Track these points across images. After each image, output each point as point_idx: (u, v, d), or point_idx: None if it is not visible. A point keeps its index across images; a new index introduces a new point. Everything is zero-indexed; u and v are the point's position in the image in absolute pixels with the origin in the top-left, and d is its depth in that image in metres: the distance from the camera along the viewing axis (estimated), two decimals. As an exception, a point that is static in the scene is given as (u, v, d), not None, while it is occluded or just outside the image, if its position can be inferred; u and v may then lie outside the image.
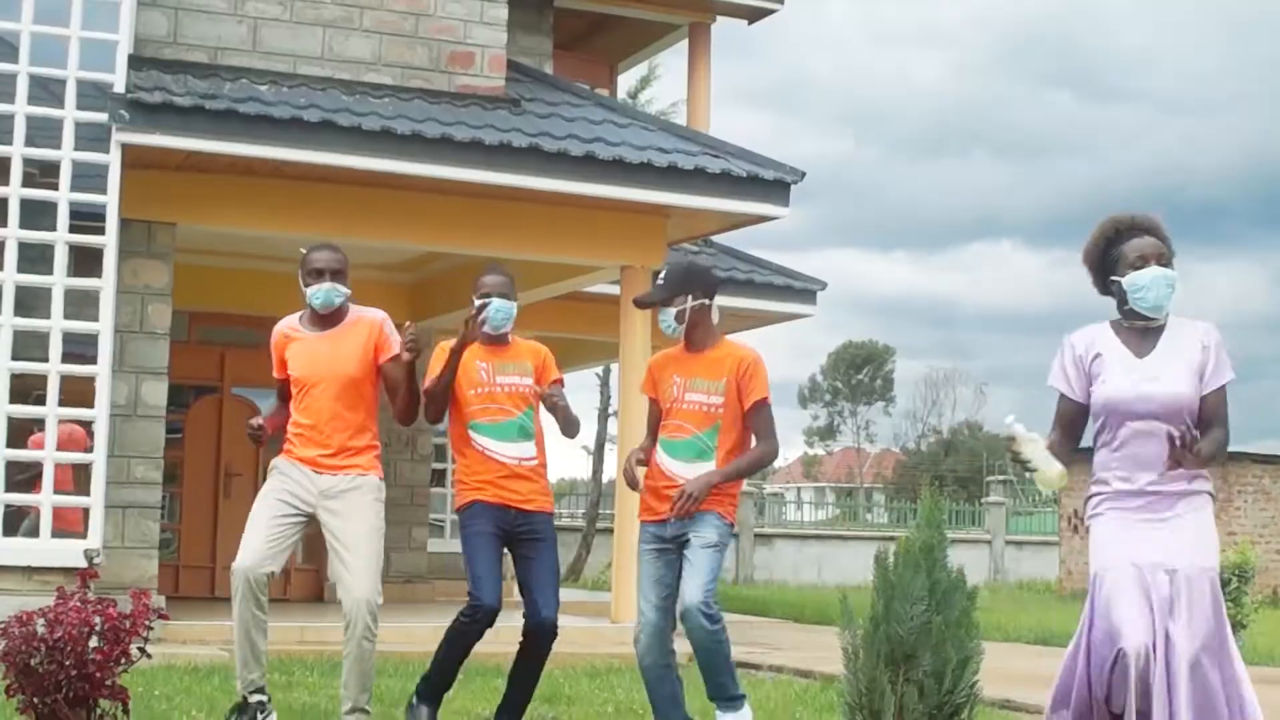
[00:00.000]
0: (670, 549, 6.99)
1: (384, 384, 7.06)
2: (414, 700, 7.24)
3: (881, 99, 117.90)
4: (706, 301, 6.92)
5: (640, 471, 7.09)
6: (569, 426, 7.33)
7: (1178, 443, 5.27)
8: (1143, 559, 5.33)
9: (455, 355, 7.06)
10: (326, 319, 7.06)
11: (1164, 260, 5.50)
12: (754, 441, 6.99)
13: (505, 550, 7.22)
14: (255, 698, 6.92)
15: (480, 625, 7.04)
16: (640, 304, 7.18)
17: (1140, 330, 5.52)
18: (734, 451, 6.92)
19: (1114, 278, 5.51)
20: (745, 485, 24.40)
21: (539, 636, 7.10)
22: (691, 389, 6.90)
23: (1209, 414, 5.46)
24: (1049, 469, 5.45)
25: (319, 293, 6.98)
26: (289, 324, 7.21)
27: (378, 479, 7.03)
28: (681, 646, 7.07)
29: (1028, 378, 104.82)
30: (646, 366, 7.21)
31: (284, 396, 7.22)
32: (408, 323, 7.12)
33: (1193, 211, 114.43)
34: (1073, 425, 5.60)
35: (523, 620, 7.15)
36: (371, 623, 6.73)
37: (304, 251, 7.11)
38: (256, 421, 7.08)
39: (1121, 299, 5.52)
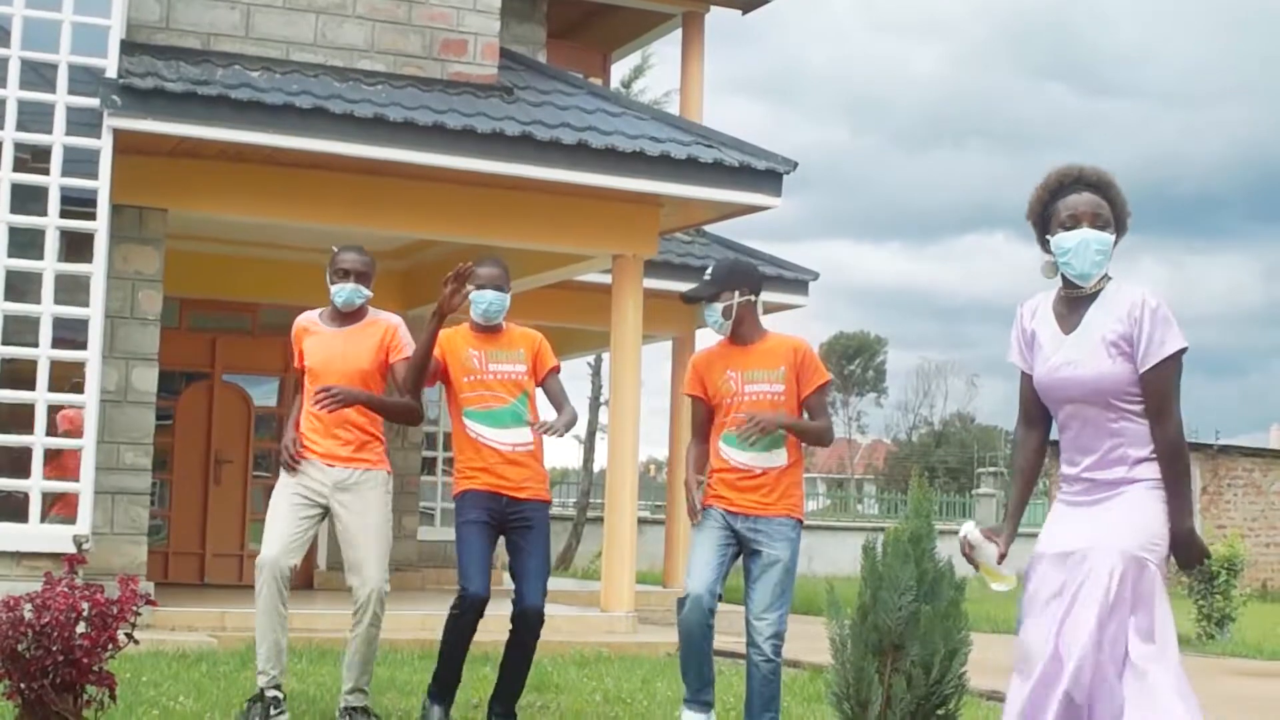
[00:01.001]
0: (733, 540, 6.95)
1: (392, 382, 7.36)
2: (426, 702, 7.30)
3: (877, 89, 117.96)
4: (753, 297, 7.04)
5: (698, 496, 7.04)
6: (567, 429, 7.30)
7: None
8: (1055, 548, 4.86)
9: (434, 321, 7.07)
10: (346, 317, 7.40)
11: (1100, 222, 4.88)
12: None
13: (502, 537, 7.24)
14: (272, 693, 7.15)
15: (470, 615, 7.08)
16: (689, 299, 7.18)
17: (1073, 299, 4.96)
18: (795, 440, 6.97)
19: (1047, 235, 4.97)
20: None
21: (524, 623, 7.13)
22: (751, 380, 6.94)
23: (1148, 395, 4.82)
24: (999, 579, 5.09)
25: (342, 292, 7.32)
26: (310, 318, 7.50)
27: (386, 473, 7.34)
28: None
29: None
30: (690, 366, 7.19)
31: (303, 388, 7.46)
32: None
33: (1187, 205, 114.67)
34: (1034, 404, 5.08)
35: (512, 608, 7.17)
36: (379, 609, 7.10)
37: (334, 250, 7.42)
38: (291, 446, 7.29)
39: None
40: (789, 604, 6.87)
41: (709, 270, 7.14)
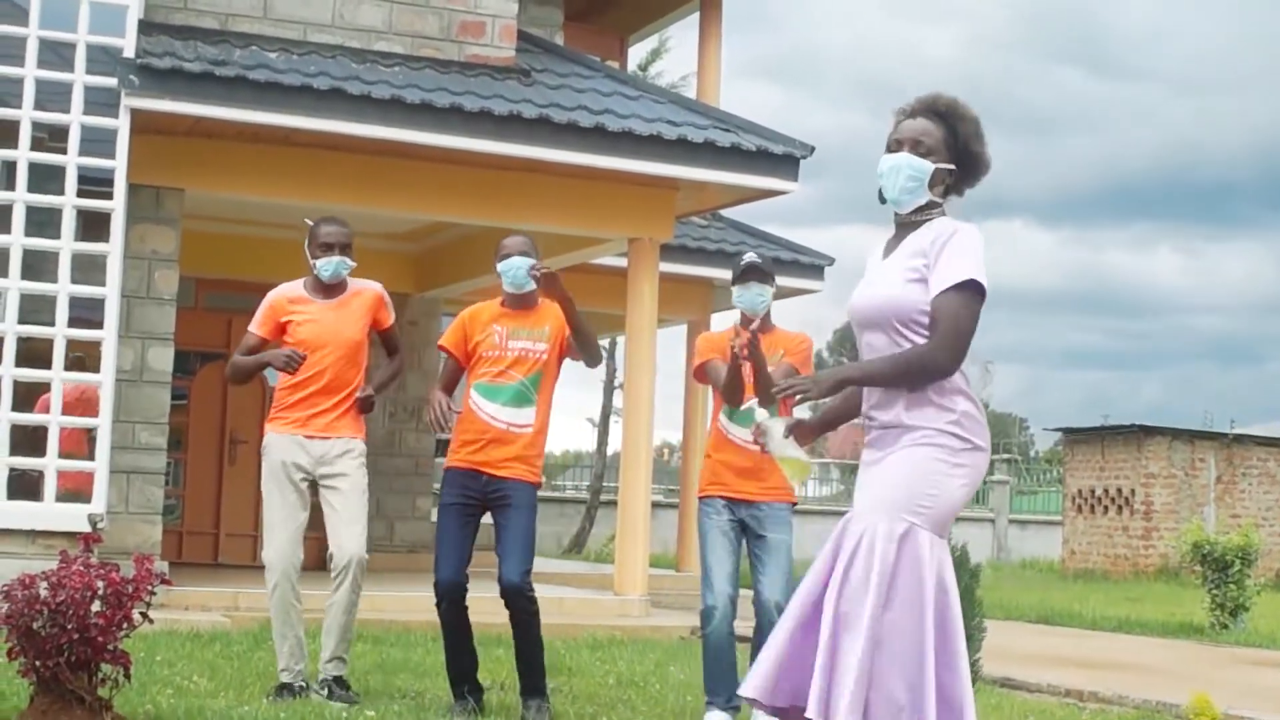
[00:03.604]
0: (739, 531, 7.15)
1: (384, 349, 7.79)
2: (452, 703, 7.27)
3: (894, 73, 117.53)
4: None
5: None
6: (587, 348, 7.27)
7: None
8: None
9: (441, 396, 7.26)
10: (330, 288, 7.56)
11: (921, 149, 4.63)
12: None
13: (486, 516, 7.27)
14: (299, 683, 7.34)
15: (448, 599, 7.10)
16: (753, 267, 7.21)
17: (899, 228, 4.73)
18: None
19: None
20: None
21: (510, 600, 7.07)
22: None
23: (932, 322, 4.49)
24: (791, 463, 4.77)
25: (329, 265, 7.48)
26: (292, 290, 7.60)
27: (362, 442, 7.55)
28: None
29: (1034, 356, 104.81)
30: (705, 342, 7.45)
31: (247, 353, 7.59)
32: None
33: (1203, 191, 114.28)
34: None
35: None
36: (359, 575, 7.30)
37: (310, 223, 7.58)
38: (299, 354, 7.38)
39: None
40: (792, 572, 7.04)
41: (754, 256, 7.28)
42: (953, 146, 4.68)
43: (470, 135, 12.07)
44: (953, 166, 4.69)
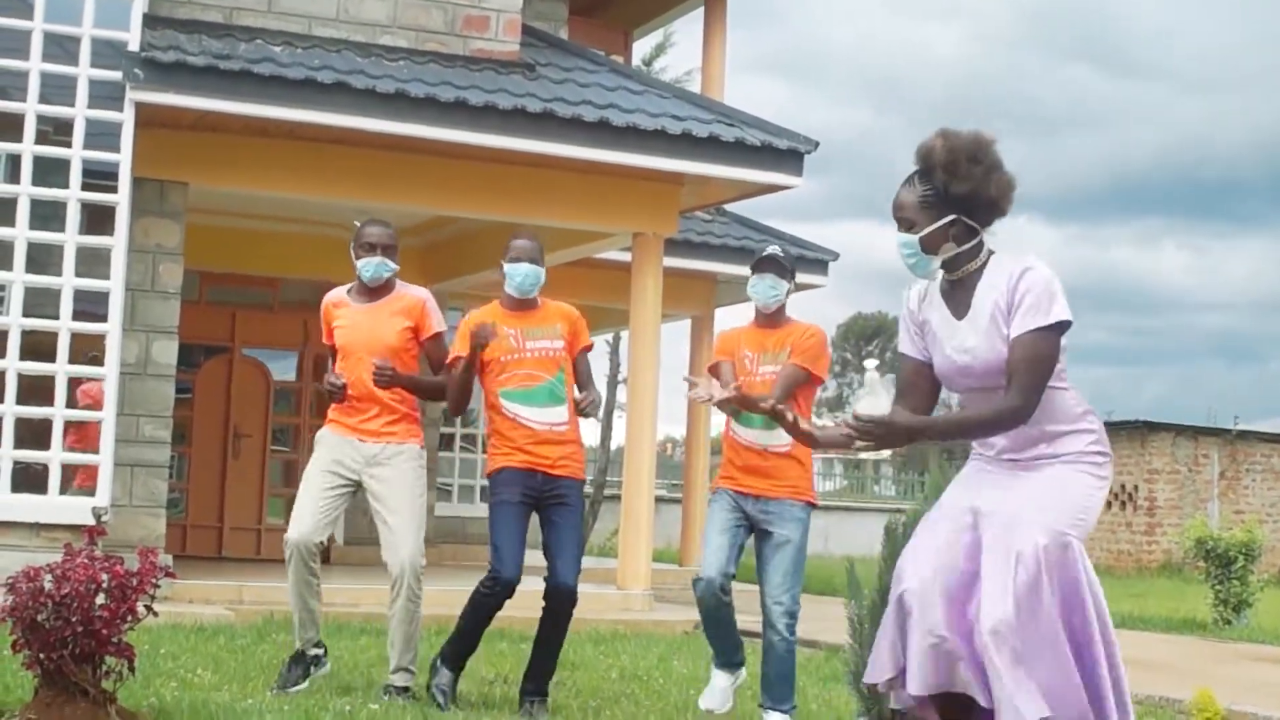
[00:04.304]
0: (744, 520, 7.10)
1: (427, 362, 7.45)
2: (437, 662, 7.30)
3: (900, 70, 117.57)
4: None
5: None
6: (596, 410, 7.33)
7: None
8: (968, 502, 4.67)
9: (469, 363, 7.14)
10: (373, 292, 7.40)
11: (904, 225, 4.69)
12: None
13: (535, 514, 7.25)
14: (313, 650, 7.34)
15: (499, 597, 7.11)
16: (773, 259, 7.24)
17: (955, 282, 4.73)
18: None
19: None
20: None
21: (558, 601, 7.12)
22: (764, 363, 7.10)
23: (1009, 362, 4.54)
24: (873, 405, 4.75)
25: (369, 266, 7.34)
26: (338, 294, 7.53)
27: (418, 446, 7.33)
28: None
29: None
30: (721, 339, 7.42)
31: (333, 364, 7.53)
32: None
33: (1211, 189, 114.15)
34: (910, 389, 4.85)
35: (544, 584, 7.18)
36: (415, 584, 7.11)
37: (357, 224, 7.48)
38: (339, 381, 7.29)
39: None
40: (801, 583, 7.02)
41: (776, 249, 7.31)
42: (943, 199, 4.63)
43: (474, 130, 12.06)
44: (950, 218, 4.64)
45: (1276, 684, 10.43)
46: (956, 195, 4.62)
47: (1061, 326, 4.53)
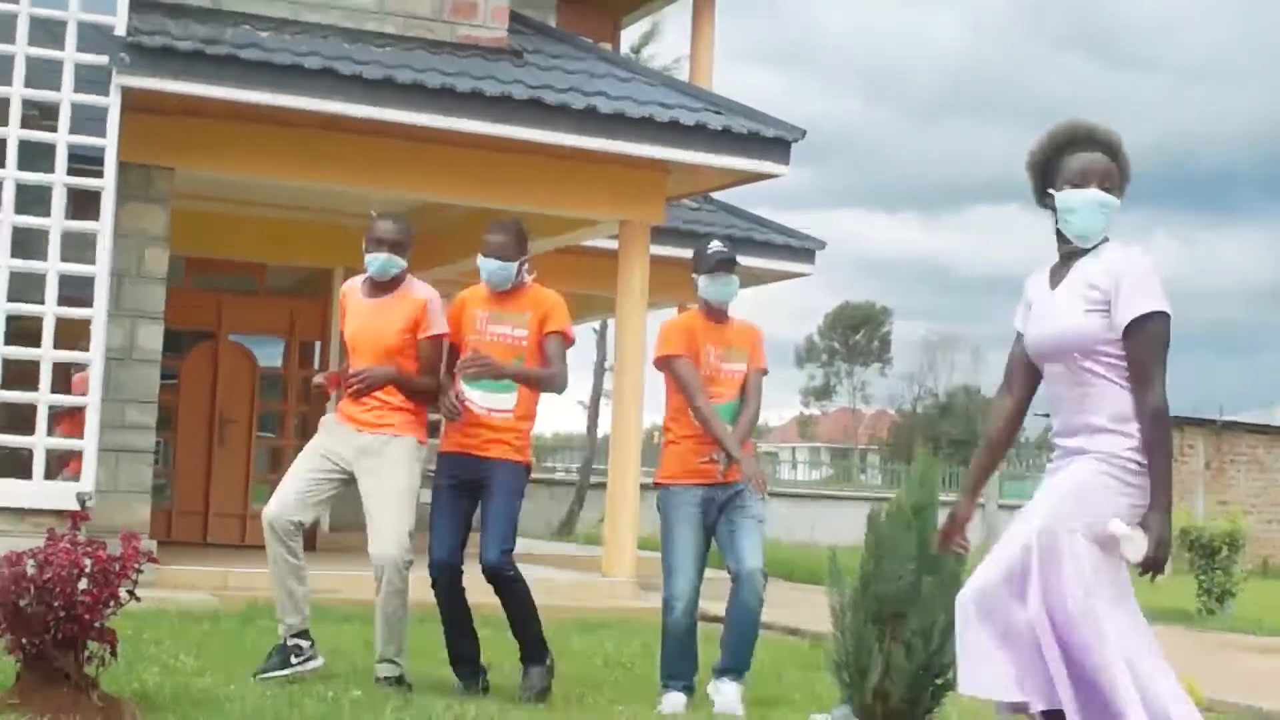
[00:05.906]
0: (703, 516, 7.21)
1: (420, 360, 7.30)
2: (457, 680, 7.30)
3: (893, 59, 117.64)
4: None
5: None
6: (542, 385, 7.31)
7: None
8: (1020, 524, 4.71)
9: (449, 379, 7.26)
10: (380, 286, 7.35)
11: (1109, 184, 4.74)
12: (745, 405, 7.39)
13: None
14: (293, 641, 7.26)
15: (441, 579, 7.16)
16: (725, 259, 7.36)
17: (1065, 256, 4.83)
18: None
19: (1051, 190, 4.80)
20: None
21: (488, 577, 7.15)
22: (728, 359, 7.30)
23: (1128, 361, 4.63)
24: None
25: (375, 261, 7.28)
26: (353, 283, 7.53)
27: (414, 440, 7.27)
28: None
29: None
30: (677, 330, 7.38)
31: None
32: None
33: (1203, 180, 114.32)
34: (1019, 368, 4.94)
35: None
36: (395, 577, 7.06)
37: (372, 215, 7.42)
38: (318, 380, 7.48)
39: (1054, 217, 4.83)
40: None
41: (723, 248, 7.38)
42: (1124, 177, 4.83)
43: (462, 116, 12.05)
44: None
45: (1260, 674, 10.46)
46: (1125, 189, 4.83)
47: (1160, 316, 4.63)
